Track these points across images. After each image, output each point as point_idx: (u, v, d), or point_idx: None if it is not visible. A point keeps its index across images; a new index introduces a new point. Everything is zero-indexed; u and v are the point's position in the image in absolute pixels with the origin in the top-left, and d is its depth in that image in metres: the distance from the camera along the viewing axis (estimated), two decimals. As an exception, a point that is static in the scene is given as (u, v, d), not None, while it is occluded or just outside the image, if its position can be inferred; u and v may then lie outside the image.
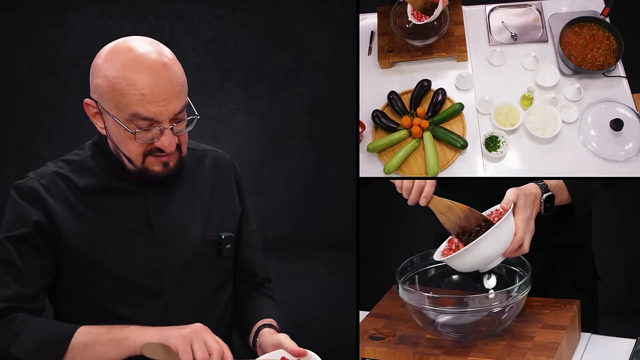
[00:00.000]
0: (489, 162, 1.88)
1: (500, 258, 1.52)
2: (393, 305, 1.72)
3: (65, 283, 1.47)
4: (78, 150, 1.53)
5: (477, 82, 2.00)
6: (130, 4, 4.46)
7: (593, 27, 2.01)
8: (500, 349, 1.50)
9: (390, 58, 2.06)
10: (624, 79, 1.95)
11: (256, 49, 4.53)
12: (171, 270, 1.48)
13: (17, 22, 4.38)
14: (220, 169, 1.61)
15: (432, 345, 1.54)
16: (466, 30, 2.08)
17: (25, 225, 1.41)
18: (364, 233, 1.93)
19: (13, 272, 1.40)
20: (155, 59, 1.36)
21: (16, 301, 1.39)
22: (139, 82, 1.33)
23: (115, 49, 1.39)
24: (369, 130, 1.97)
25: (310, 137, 4.62)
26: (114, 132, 1.40)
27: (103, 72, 1.37)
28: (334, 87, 4.55)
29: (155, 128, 1.37)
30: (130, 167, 1.43)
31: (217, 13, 4.53)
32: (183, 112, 1.41)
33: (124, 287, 1.45)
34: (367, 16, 2.17)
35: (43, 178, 1.45)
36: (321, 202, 4.53)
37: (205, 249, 1.53)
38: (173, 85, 1.36)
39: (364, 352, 1.56)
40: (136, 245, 1.46)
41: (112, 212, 1.46)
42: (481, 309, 1.50)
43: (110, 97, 1.36)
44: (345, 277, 3.11)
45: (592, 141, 1.87)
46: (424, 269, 1.67)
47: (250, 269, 1.66)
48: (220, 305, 1.57)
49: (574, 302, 1.66)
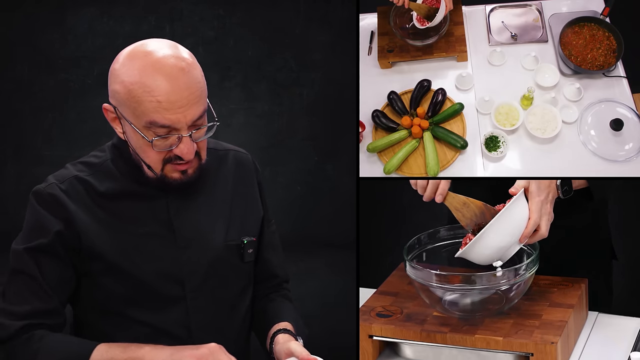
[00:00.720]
0: (489, 162, 1.88)
1: (518, 245, 1.52)
2: (400, 283, 1.72)
3: (86, 288, 1.44)
4: (98, 151, 1.50)
5: (477, 82, 2.00)
6: (130, 4, 4.46)
7: (593, 27, 2.01)
8: (508, 327, 1.50)
9: (390, 58, 2.06)
10: (624, 79, 1.95)
11: (256, 49, 4.53)
12: (193, 276, 1.45)
13: (17, 22, 4.38)
14: (242, 170, 1.58)
15: (439, 323, 1.54)
16: (466, 30, 2.08)
17: (45, 235, 1.38)
18: (364, 233, 1.93)
19: (33, 286, 1.37)
20: (173, 63, 1.31)
21: (36, 317, 1.37)
22: (155, 88, 1.29)
23: (132, 53, 1.34)
24: (369, 130, 1.97)
25: (310, 137, 4.63)
26: (132, 138, 1.37)
27: (120, 78, 1.33)
28: (334, 87, 4.55)
29: (174, 135, 1.33)
30: (149, 174, 1.40)
31: (217, 13, 4.53)
32: (203, 117, 1.37)
33: (144, 293, 1.42)
34: (367, 16, 2.17)
35: (63, 183, 1.41)
36: (321, 202, 4.53)
37: (227, 253, 1.50)
38: (191, 92, 1.32)
39: (371, 330, 1.56)
40: (157, 250, 1.43)
41: (133, 216, 1.43)
42: (488, 287, 1.51)
43: (127, 103, 1.33)
44: (345, 277, 3.11)
45: (592, 141, 1.87)
46: (432, 246, 1.68)
47: (270, 270, 1.64)
48: (241, 311, 1.55)
49: (582, 280, 1.67)
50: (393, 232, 2.91)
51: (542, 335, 1.45)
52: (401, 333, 1.54)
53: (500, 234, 1.48)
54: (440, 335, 1.50)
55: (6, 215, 4.32)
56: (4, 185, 4.33)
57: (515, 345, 1.45)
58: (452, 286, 1.51)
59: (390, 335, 1.55)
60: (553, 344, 1.42)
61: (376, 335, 1.56)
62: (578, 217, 1.75)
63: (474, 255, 1.51)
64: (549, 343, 1.42)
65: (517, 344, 1.45)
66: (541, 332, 1.46)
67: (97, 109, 3.21)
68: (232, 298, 1.52)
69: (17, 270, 1.39)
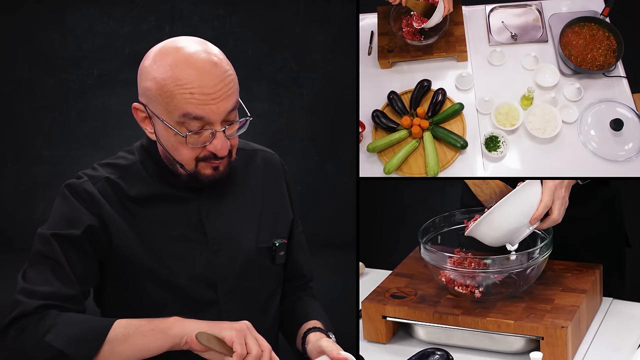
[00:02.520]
0: (489, 162, 1.88)
1: (528, 227, 1.52)
2: (416, 265, 1.74)
3: (117, 293, 1.42)
4: (126, 152, 1.48)
5: (477, 82, 2.00)
6: (130, 4, 4.46)
7: (593, 27, 2.01)
8: (519, 310, 1.52)
9: (390, 58, 2.06)
10: (624, 79, 1.95)
11: (256, 49, 4.53)
12: (225, 279, 1.44)
13: (17, 22, 4.38)
14: (271, 170, 1.57)
15: (452, 305, 1.56)
16: (466, 30, 2.08)
17: (76, 227, 1.35)
18: (364, 233, 1.94)
19: (57, 269, 1.34)
20: (205, 58, 1.32)
21: (56, 299, 1.32)
22: (187, 81, 1.29)
23: (163, 50, 1.34)
24: (369, 130, 1.97)
25: (310, 137, 4.63)
26: (164, 136, 1.35)
27: (152, 75, 1.32)
28: (334, 87, 4.55)
29: (207, 131, 1.33)
30: (182, 172, 1.38)
31: (217, 13, 4.53)
32: (234, 112, 1.36)
33: (178, 297, 1.41)
34: (367, 16, 2.16)
35: (97, 183, 1.40)
36: (321, 202, 4.53)
37: (258, 256, 1.49)
38: (224, 84, 1.32)
39: (385, 310, 1.58)
40: (190, 254, 1.42)
41: (164, 219, 1.41)
42: (502, 270, 1.52)
43: (160, 99, 1.32)
44: (345, 277, 3.11)
45: (592, 141, 1.87)
46: (447, 229, 1.70)
47: (298, 270, 1.63)
48: (272, 312, 1.54)
49: (596, 266, 1.68)
50: (393, 232, 2.91)
51: (553, 319, 1.46)
52: (414, 314, 1.56)
53: (509, 214, 1.48)
54: (453, 317, 1.52)
55: (6, 216, 4.33)
56: (4, 185, 4.33)
57: (526, 329, 1.46)
58: (466, 269, 1.53)
59: (403, 316, 1.57)
60: (563, 329, 1.43)
61: (390, 316, 1.58)
62: (593, 204, 1.77)
63: (482, 233, 1.52)
64: (559, 327, 1.43)
65: (527, 328, 1.46)
66: (552, 317, 1.47)
67: (97, 109, 3.23)
68: (263, 300, 1.51)
69: (41, 254, 1.36)
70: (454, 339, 1.54)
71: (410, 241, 1.70)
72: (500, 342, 1.50)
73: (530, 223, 1.52)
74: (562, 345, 1.43)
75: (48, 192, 4.28)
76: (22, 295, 1.33)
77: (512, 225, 1.50)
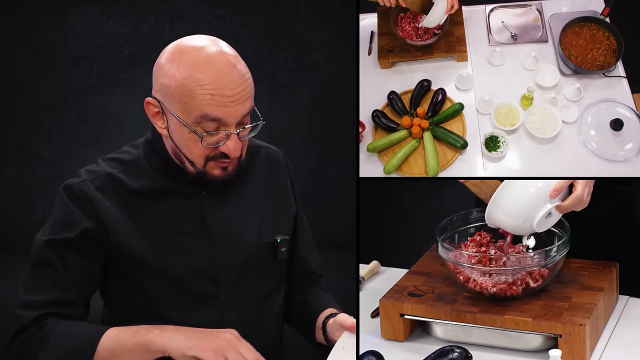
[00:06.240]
0: (489, 162, 1.88)
1: (549, 202, 1.48)
2: (433, 263, 1.75)
3: (120, 288, 1.43)
4: (130, 147, 1.48)
5: (477, 82, 2.00)
6: (130, 4, 4.46)
7: (593, 27, 2.01)
8: (537, 308, 1.52)
9: (390, 58, 2.06)
10: (624, 79, 1.95)
11: (256, 49, 4.53)
12: (227, 274, 1.45)
13: (17, 22, 4.38)
14: (274, 167, 1.58)
15: (470, 303, 1.56)
16: (466, 30, 2.08)
17: (71, 230, 1.37)
18: (364, 233, 1.93)
19: (53, 275, 1.36)
20: (225, 59, 1.33)
21: (53, 307, 1.35)
22: (208, 82, 1.30)
23: (181, 48, 1.34)
24: (369, 130, 1.97)
25: (310, 137, 4.62)
26: (177, 133, 1.36)
27: (170, 72, 1.33)
28: (334, 87, 4.55)
29: (222, 132, 1.34)
30: (190, 169, 1.39)
31: (217, 13, 4.53)
32: (248, 116, 1.38)
33: (179, 292, 1.42)
34: (367, 16, 2.16)
35: (96, 180, 1.40)
36: (321, 202, 4.52)
37: (260, 252, 1.50)
38: (244, 87, 1.33)
39: (403, 308, 1.58)
40: (192, 248, 1.43)
41: (166, 214, 1.42)
42: (519, 268, 1.53)
43: (178, 98, 1.32)
44: (345, 277, 3.11)
45: (592, 141, 1.87)
46: (464, 227, 1.71)
47: (307, 267, 1.65)
48: (273, 308, 1.55)
49: (613, 264, 1.68)
50: (393, 232, 2.91)
51: (571, 317, 1.47)
52: (432, 312, 1.57)
53: (527, 184, 1.46)
54: (471, 315, 1.53)
55: (6, 216, 4.33)
56: (4, 186, 4.33)
57: (544, 327, 1.47)
58: (483, 267, 1.54)
59: (421, 314, 1.58)
60: (581, 326, 1.43)
61: (407, 314, 1.59)
62: (610, 202, 1.78)
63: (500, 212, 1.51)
64: (578, 325, 1.44)
65: (545, 326, 1.47)
66: (570, 314, 1.48)
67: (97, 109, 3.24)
68: (264, 296, 1.52)
69: (38, 261, 1.38)
70: (472, 337, 1.55)
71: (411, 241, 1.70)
72: (518, 339, 1.51)
73: (550, 197, 1.48)
74: (581, 343, 1.43)
75: (48, 192, 4.28)
76: (21, 308, 1.36)
77: (531, 198, 1.48)
